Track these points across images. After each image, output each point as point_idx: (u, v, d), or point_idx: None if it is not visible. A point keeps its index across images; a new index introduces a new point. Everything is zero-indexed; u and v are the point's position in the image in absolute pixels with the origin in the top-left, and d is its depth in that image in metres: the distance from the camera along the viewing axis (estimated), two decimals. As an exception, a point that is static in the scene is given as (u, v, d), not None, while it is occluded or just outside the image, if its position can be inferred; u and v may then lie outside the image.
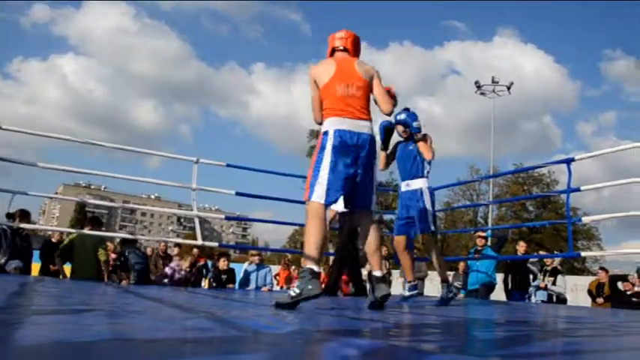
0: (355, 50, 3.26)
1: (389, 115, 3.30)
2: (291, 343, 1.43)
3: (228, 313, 2.27)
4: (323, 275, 6.16)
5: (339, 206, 3.24)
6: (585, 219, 6.12)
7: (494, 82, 29.14)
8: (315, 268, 2.73)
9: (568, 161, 5.18)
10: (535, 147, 75.41)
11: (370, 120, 3.08)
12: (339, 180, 2.89)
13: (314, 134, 33.65)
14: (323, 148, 2.94)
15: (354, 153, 2.93)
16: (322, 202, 2.86)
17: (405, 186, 4.34)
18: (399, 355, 1.24)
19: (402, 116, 4.28)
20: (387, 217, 32.58)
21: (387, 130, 4.23)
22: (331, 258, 6.82)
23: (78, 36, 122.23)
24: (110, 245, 7.82)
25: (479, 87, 29.52)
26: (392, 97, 3.48)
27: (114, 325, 1.59)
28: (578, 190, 5.20)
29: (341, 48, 3.21)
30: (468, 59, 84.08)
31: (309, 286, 2.67)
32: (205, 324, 1.79)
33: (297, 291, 2.68)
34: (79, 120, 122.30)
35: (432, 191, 4.31)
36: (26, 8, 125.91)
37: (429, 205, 4.18)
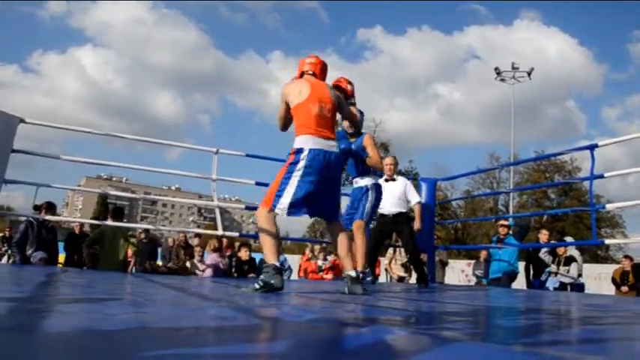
0: (322, 75, 3.54)
1: (352, 135, 4.20)
2: (313, 331, 1.43)
3: (249, 302, 2.29)
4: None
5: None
6: (609, 206, 6.02)
7: (514, 68, 28.79)
8: (278, 264, 3.02)
9: (591, 147, 5.09)
10: (558, 133, 73.90)
11: (335, 139, 3.37)
12: (305, 198, 3.12)
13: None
14: (295, 163, 3.15)
15: (325, 171, 3.17)
16: (280, 213, 3.11)
17: (354, 183, 4.79)
18: (422, 343, 1.24)
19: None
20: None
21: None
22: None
23: (95, 28, 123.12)
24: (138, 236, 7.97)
25: (498, 73, 29.20)
26: (350, 93, 4.02)
27: (137, 314, 1.61)
28: (601, 176, 5.11)
29: (310, 72, 3.47)
30: (489, 44, 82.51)
31: (272, 281, 2.92)
32: (227, 313, 1.80)
33: (261, 284, 2.93)
34: (100, 112, 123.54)
35: (377, 188, 4.70)
36: (43, 1, 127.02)
37: (369, 203, 4.61)
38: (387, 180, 5.46)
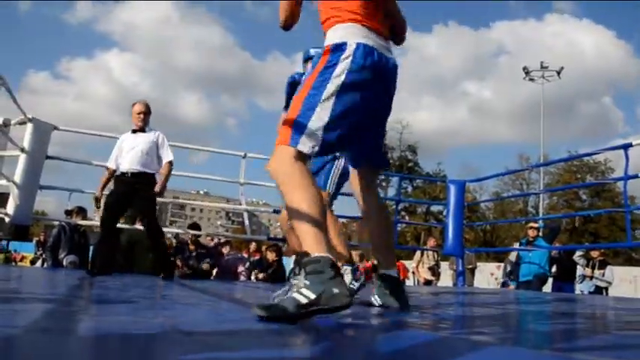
0: None
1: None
2: (344, 335, 1.43)
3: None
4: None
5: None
6: (644, 207, 5.87)
7: (543, 67, 28.24)
8: (332, 256, 1.55)
9: (625, 147, 4.97)
10: (593, 131, 71.23)
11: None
12: (349, 123, 1.81)
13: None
14: (333, 65, 1.79)
15: (382, 85, 1.92)
16: (307, 149, 1.75)
17: None
18: (452, 347, 1.22)
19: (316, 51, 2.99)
20: (434, 208, 32.26)
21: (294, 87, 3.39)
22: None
23: (121, 31, 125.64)
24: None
25: (527, 73, 28.68)
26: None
27: (170, 317, 1.63)
28: (636, 176, 4.99)
29: None
30: (520, 38, 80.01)
31: (335, 290, 1.47)
32: (254, 316, 1.81)
33: (313, 296, 1.48)
34: (128, 115, 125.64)
35: None
36: (70, 6, 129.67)
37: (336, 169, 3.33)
38: (134, 131, 4.68)
